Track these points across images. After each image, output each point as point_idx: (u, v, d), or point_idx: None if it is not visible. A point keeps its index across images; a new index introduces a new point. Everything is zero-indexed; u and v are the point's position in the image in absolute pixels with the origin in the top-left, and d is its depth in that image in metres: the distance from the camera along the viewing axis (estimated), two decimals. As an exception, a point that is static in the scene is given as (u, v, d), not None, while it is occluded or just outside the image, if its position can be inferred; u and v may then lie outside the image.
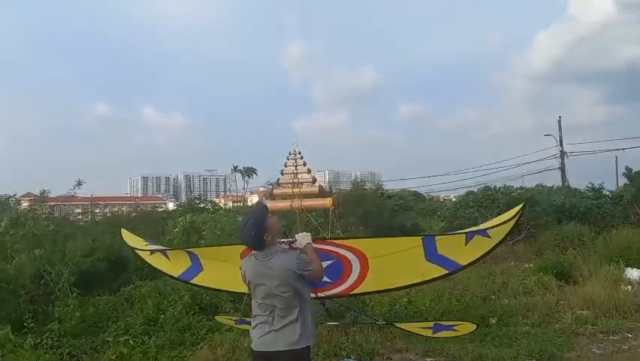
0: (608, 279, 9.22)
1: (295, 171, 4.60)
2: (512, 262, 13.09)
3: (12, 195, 15.57)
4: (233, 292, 5.34)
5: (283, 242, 3.91)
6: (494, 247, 4.04)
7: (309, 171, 4.62)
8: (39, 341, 6.54)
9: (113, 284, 9.81)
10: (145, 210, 29.61)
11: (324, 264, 4.06)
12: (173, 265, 5.09)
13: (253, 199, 64.56)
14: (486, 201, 18.56)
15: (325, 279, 4.10)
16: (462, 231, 4.23)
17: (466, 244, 4.02)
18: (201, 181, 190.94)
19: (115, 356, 6.18)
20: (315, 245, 3.93)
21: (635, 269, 10.79)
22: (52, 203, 15.88)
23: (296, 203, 4.11)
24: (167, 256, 5.11)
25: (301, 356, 3.52)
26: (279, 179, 4.57)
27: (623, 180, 23.97)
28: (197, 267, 4.94)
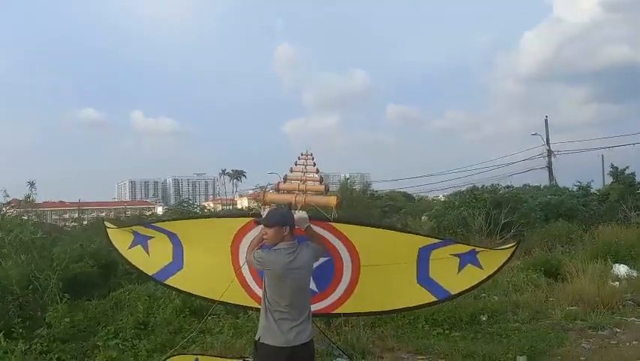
0: (595, 275, 9.29)
1: (304, 170, 4.56)
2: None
3: None
4: (203, 298, 4.92)
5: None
6: (486, 279, 4.04)
7: (317, 172, 4.60)
8: (28, 346, 6.47)
9: (102, 289, 9.73)
10: (134, 214, 29.47)
11: (318, 261, 3.99)
12: (151, 260, 4.68)
13: (243, 202, 64.35)
14: (472, 201, 18.65)
15: (313, 287, 4.02)
16: (461, 247, 4.08)
17: (458, 272, 3.97)
18: (190, 185, 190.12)
19: (105, 359, 6.13)
20: (315, 227, 3.91)
21: (622, 265, 10.94)
22: (40, 209, 15.78)
23: (300, 198, 4.00)
24: (147, 249, 4.65)
25: (313, 346, 3.75)
26: (286, 175, 4.50)
27: (609, 179, 24.23)
28: (177, 264, 4.57)
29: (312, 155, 4.90)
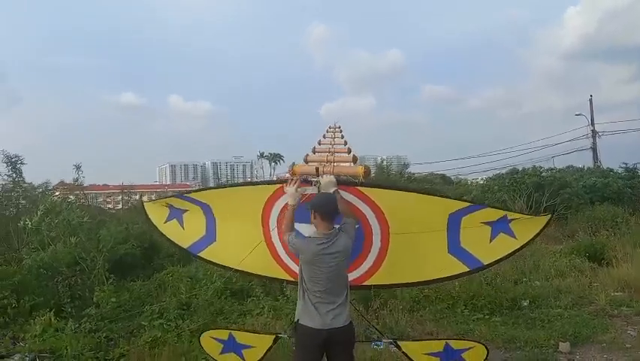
0: (643, 260, 9.04)
1: (333, 142, 4.52)
2: (544, 244, 12.89)
3: (46, 183, 15.88)
4: (235, 270, 4.85)
5: (308, 181, 3.91)
6: (519, 248, 3.88)
7: (345, 143, 4.52)
8: (77, 325, 6.73)
9: (146, 270, 10.01)
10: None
11: None
12: (186, 234, 4.75)
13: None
14: (513, 185, 18.26)
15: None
16: (493, 212, 3.86)
17: (490, 241, 3.84)
18: (228, 168, 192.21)
19: (150, 339, 6.32)
20: (342, 192, 3.88)
21: (672, 250, 10.57)
22: (85, 191, 16.24)
23: (327, 168, 3.94)
24: (182, 223, 4.73)
25: (353, 329, 3.84)
26: (314, 147, 4.44)
27: (657, 160, 23.30)
28: (210, 237, 4.63)
29: (340, 127, 4.87)
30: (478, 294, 7.86)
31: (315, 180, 3.91)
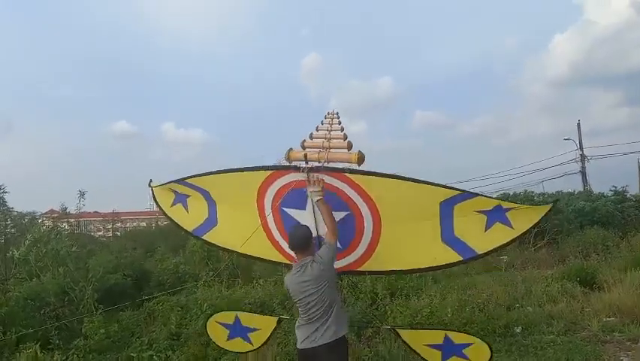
0: (634, 285, 9.04)
1: (330, 128, 4.50)
2: (535, 269, 12.91)
3: (33, 212, 15.82)
4: (235, 251, 5.03)
5: (297, 168, 3.94)
6: (515, 238, 3.78)
7: (342, 130, 4.51)
8: (65, 357, 6.62)
9: (136, 300, 9.90)
10: (166, 223, 29.89)
11: (339, 215, 4.05)
12: (190, 217, 4.96)
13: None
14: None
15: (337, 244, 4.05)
16: (486, 201, 3.78)
17: (485, 230, 3.76)
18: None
19: (140, 371, 6.23)
20: (329, 178, 3.94)
21: (662, 274, 10.59)
22: (74, 219, 16.14)
23: (323, 154, 4.00)
24: (186, 207, 4.95)
25: (343, 343, 3.89)
26: (312, 133, 4.45)
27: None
28: (212, 221, 4.84)
29: (337, 113, 4.88)
30: (470, 321, 7.81)
31: (304, 166, 3.94)
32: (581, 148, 31.28)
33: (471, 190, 3.85)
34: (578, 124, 32.11)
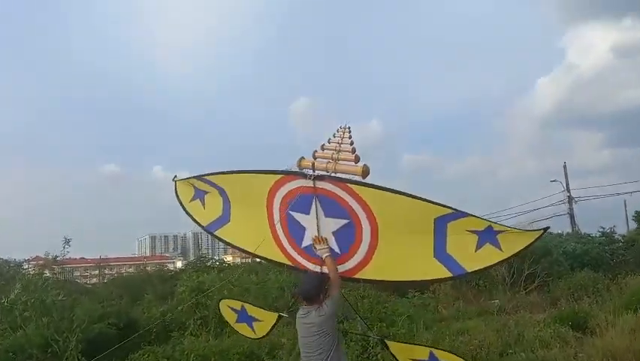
0: (626, 328, 8.98)
1: (340, 142, 4.76)
2: (527, 313, 12.82)
3: (17, 260, 15.61)
4: (243, 250, 5.34)
5: (303, 174, 4.25)
6: (503, 260, 3.92)
7: (352, 143, 4.76)
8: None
9: (122, 349, 9.66)
10: (154, 269, 29.52)
11: (337, 224, 4.33)
12: (206, 213, 5.25)
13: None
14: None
15: (334, 248, 4.40)
16: (478, 221, 3.91)
17: (476, 250, 3.90)
18: (210, 238, 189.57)
19: None
20: (332, 187, 4.20)
21: (655, 317, 10.54)
22: (60, 266, 15.91)
23: (331, 165, 4.27)
24: (203, 203, 5.25)
25: None
26: (323, 144, 4.71)
27: (633, 224, 23.77)
28: (225, 218, 5.12)
29: (349, 128, 5.18)
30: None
31: (310, 174, 4.21)
32: (568, 190, 31.58)
33: (463, 210, 3.94)
34: (564, 166, 32.52)
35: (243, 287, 11.40)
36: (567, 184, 31.86)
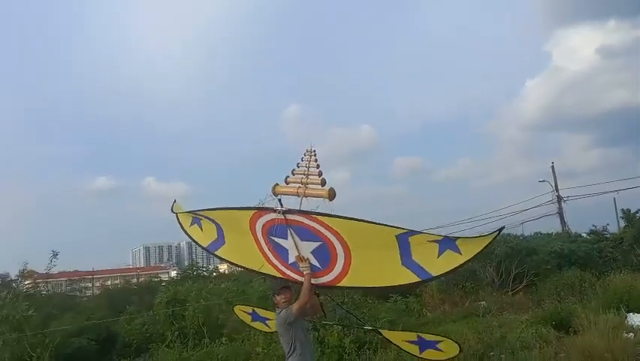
0: (607, 327, 8.92)
1: (308, 165, 5.23)
2: (512, 314, 12.76)
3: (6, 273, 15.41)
4: (241, 266, 6.18)
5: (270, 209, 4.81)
6: (464, 263, 4.30)
7: (318, 167, 5.23)
8: None
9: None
10: (147, 280, 29.38)
11: (313, 245, 4.91)
12: (204, 235, 5.85)
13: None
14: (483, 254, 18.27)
15: (316, 264, 5.00)
16: (434, 235, 4.45)
17: (438, 256, 4.32)
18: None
19: None
20: (301, 218, 4.76)
21: (636, 315, 10.51)
22: (52, 280, 15.76)
23: (301, 190, 4.84)
24: (201, 227, 5.83)
25: None
26: (293, 169, 5.18)
27: (623, 223, 23.75)
28: (221, 240, 5.74)
29: (314, 151, 5.54)
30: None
31: (279, 209, 4.71)
32: (557, 190, 31.59)
33: (416, 230, 4.48)
34: (552, 167, 32.56)
35: (221, 296, 11.25)
36: (556, 184, 31.88)
